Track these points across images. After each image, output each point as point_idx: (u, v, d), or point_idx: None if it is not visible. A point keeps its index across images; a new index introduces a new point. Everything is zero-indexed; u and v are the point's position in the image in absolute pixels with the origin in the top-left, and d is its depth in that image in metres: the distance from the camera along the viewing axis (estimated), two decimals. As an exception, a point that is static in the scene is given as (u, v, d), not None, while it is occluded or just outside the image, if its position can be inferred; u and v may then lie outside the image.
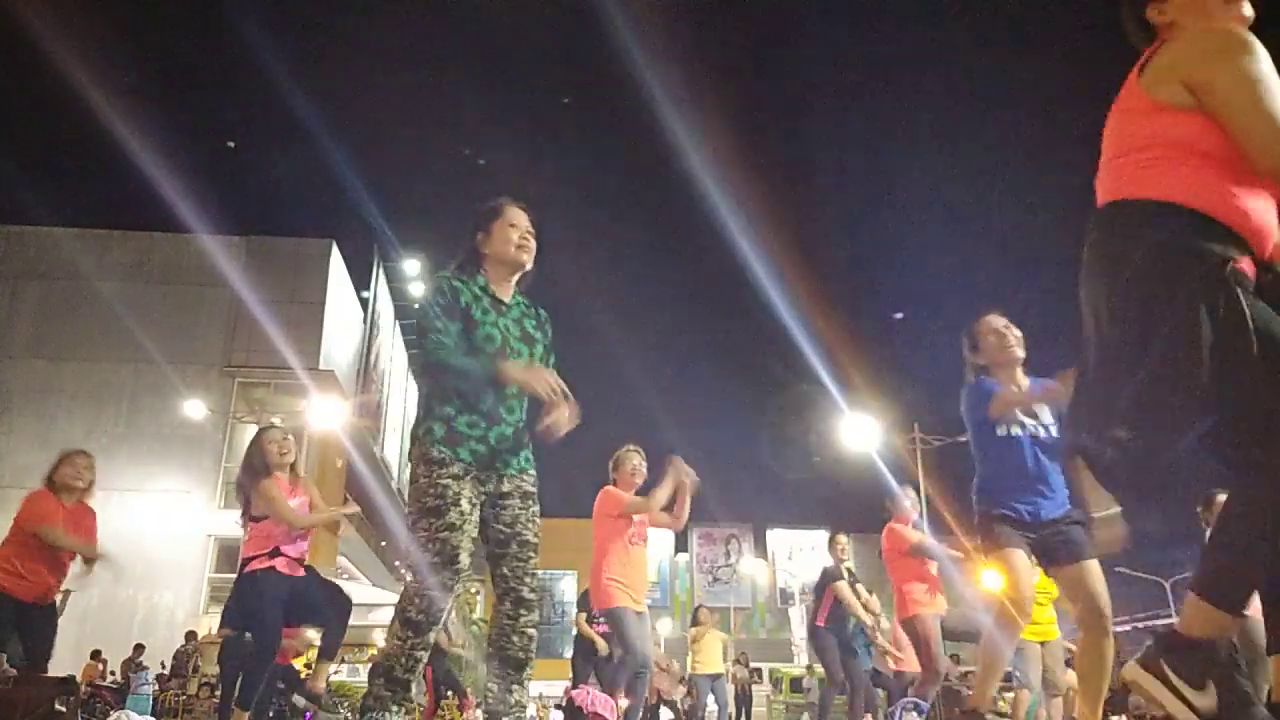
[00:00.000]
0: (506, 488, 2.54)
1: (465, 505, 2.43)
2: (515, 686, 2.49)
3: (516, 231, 2.68)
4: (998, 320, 3.62)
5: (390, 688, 2.35)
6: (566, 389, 2.51)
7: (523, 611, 2.50)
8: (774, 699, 19.66)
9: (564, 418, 2.55)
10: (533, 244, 2.70)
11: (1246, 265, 1.73)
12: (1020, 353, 3.57)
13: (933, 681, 5.47)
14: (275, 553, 4.49)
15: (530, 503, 2.57)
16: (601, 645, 7.08)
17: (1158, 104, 1.84)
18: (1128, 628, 33.23)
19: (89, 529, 4.90)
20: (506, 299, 2.69)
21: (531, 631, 2.51)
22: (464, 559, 2.40)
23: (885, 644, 7.98)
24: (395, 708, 2.36)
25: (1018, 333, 3.61)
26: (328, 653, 4.85)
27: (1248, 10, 1.89)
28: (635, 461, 5.19)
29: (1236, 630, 1.83)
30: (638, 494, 5.11)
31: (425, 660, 2.40)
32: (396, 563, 28.39)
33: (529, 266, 2.71)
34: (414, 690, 2.39)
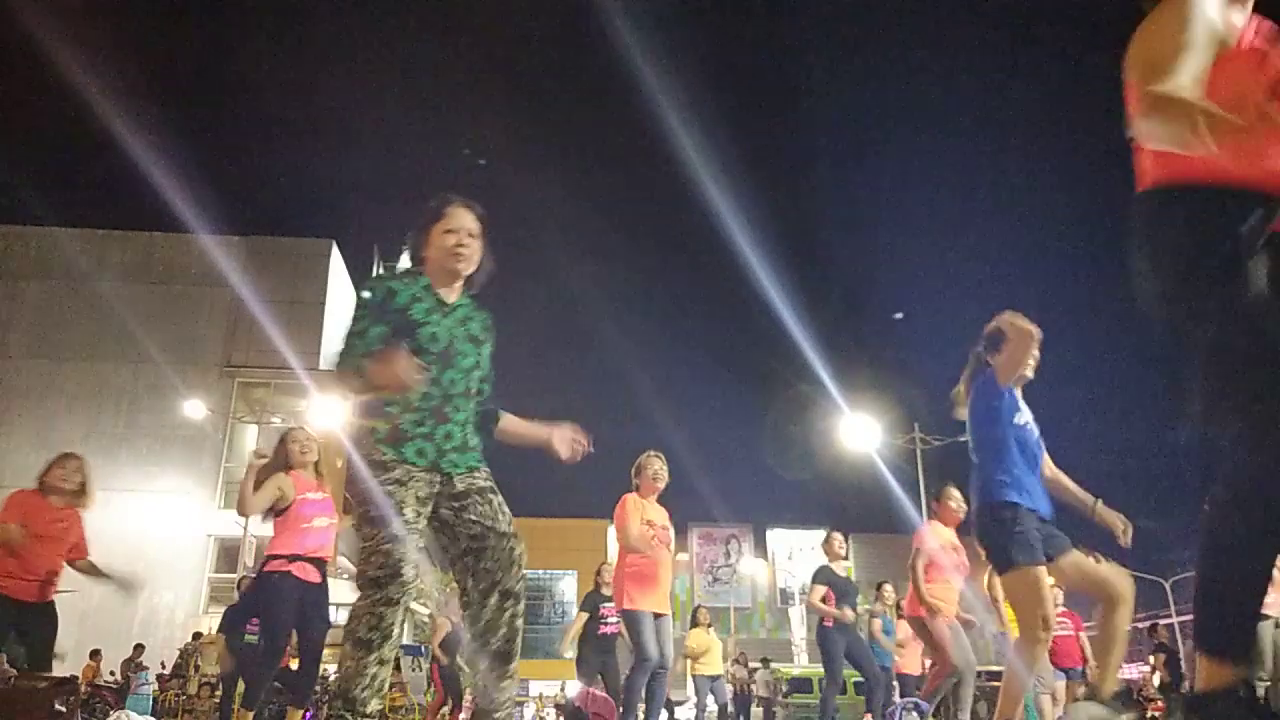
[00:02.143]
0: (460, 487, 2.45)
1: (410, 514, 2.35)
2: (505, 682, 2.41)
3: (453, 237, 2.53)
4: (1038, 333, 3.46)
5: (349, 707, 2.28)
6: (425, 371, 2.34)
7: (509, 604, 2.42)
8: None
9: (567, 444, 2.58)
10: (472, 249, 2.55)
11: None
12: (1031, 375, 3.56)
13: (948, 673, 5.45)
14: (294, 558, 4.53)
15: (491, 496, 2.48)
16: (566, 645, 7.24)
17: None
18: (1126, 627, 33.17)
19: (72, 529, 4.83)
20: (451, 300, 2.58)
21: (519, 624, 2.44)
22: (408, 571, 2.31)
23: (886, 641, 8.02)
24: None
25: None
26: (298, 701, 4.82)
27: None
28: (656, 466, 5.29)
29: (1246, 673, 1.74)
30: (659, 500, 5.34)
31: (384, 677, 2.31)
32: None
33: (467, 273, 2.58)
34: (375, 705, 2.31)
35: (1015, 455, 3.45)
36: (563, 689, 24.86)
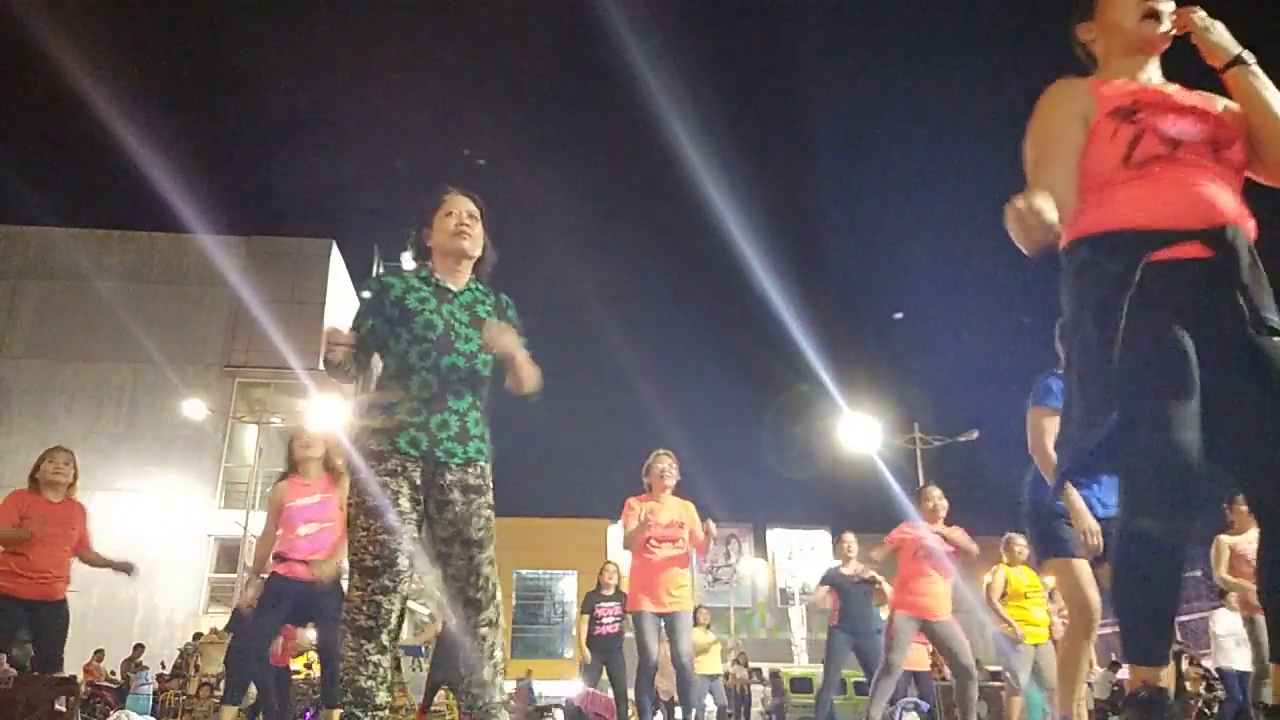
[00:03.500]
0: (449, 480, 2.47)
1: (405, 504, 2.40)
2: (481, 689, 2.45)
3: (453, 219, 2.64)
4: None
5: (359, 701, 2.31)
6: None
7: (472, 612, 2.47)
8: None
9: (524, 374, 2.55)
10: (475, 230, 2.65)
11: (1177, 251, 1.88)
12: None
13: (887, 673, 5.60)
14: (281, 558, 4.57)
15: (474, 496, 2.49)
16: (585, 654, 7.25)
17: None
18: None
19: (75, 523, 4.85)
20: (457, 287, 2.65)
21: (485, 631, 2.46)
22: (403, 561, 2.36)
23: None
24: (367, 718, 2.33)
25: None
26: (328, 701, 4.72)
27: (1164, 25, 2.04)
28: (665, 464, 5.35)
29: None
30: (674, 493, 5.37)
31: (385, 664, 2.35)
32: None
33: (473, 253, 2.67)
34: (384, 696, 2.34)
35: None
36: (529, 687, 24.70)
